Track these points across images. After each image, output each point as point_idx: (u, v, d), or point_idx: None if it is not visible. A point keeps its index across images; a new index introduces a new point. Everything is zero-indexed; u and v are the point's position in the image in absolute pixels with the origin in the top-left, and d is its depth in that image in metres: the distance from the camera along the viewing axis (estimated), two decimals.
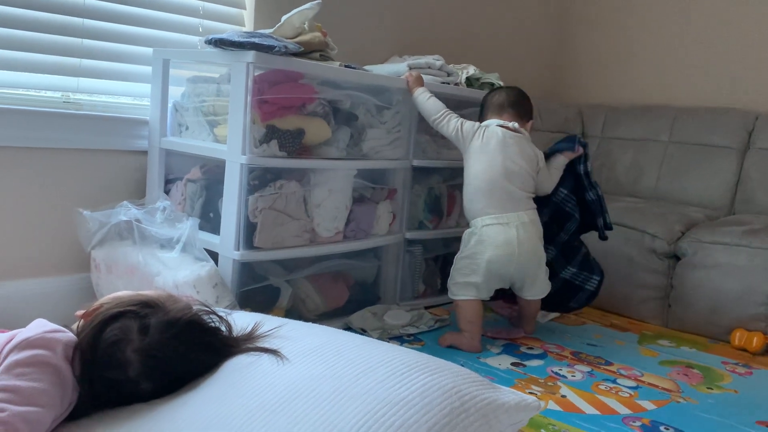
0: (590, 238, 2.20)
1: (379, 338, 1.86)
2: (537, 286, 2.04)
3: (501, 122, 2.04)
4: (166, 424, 1.00)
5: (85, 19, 1.89)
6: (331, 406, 0.97)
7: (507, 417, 1.05)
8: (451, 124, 2.06)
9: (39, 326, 1.08)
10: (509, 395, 1.09)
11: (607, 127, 3.22)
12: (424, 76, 2.19)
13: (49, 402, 0.99)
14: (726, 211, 2.80)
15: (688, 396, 1.76)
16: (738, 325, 2.20)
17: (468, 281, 1.97)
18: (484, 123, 2.08)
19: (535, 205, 2.04)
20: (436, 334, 2.06)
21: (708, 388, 1.83)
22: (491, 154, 1.99)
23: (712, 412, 1.66)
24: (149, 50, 2.00)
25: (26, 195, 1.83)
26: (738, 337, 2.17)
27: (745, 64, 3.02)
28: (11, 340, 1.04)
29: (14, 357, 1.00)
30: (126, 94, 2.05)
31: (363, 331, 1.97)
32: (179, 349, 1.10)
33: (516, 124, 2.04)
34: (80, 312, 1.14)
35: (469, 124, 2.05)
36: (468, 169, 2.04)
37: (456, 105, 2.36)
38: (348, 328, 1.99)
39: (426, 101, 2.10)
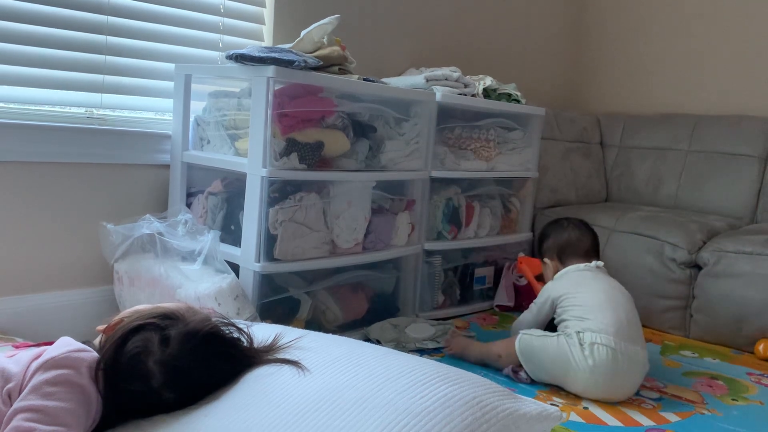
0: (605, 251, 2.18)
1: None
2: None
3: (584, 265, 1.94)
4: None
5: (108, 37, 1.93)
6: (352, 417, 0.98)
7: (528, 427, 1.05)
8: (538, 303, 1.93)
9: (64, 345, 1.09)
10: (531, 405, 1.09)
11: (625, 136, 3.20)
12: (441, 88, 2.20)
13: (75, 421, 1.01)
14: (748, 220, 2.77)
15: (712, 408, 1.73)
16: (762, 335, 2.17)
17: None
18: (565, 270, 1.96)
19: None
20: None
21: (733, 399, 1.80)
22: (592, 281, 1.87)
23: (737, 424, 1.64)
24: (171, 66, 2.03)
25: (51, 209, 1.86)
26: (762, 348, 2.14)
27: (766, 71, 2.99)
28: (37, 357, 1.06)
29: (41, 377, 1.02)
30: (148, 109, 2.08)
31: (378, 343, 1.96)
32: (200, 359, 1.12)
33: (601, 264, 1.95)
34: (101, 327, 1.16)
35: (549, 284, 1.95)
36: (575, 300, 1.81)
37: (473, 116, 2.36)
38: (367, 339, 1.99)
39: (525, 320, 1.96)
